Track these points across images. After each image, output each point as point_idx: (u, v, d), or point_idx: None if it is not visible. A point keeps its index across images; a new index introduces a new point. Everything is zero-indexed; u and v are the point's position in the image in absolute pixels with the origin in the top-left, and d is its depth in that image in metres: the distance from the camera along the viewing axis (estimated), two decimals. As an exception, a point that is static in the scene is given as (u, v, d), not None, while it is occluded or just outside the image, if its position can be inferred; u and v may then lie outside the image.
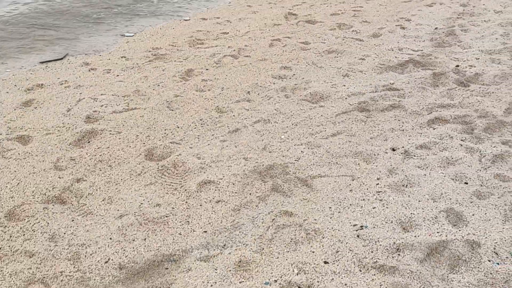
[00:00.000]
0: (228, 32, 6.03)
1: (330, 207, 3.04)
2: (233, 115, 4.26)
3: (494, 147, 3.59)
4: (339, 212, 2.99)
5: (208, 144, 3.82)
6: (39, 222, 2.97)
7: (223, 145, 3.81)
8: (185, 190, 3.25)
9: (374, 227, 2.83)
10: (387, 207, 3.01)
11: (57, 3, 7.78)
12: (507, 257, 2.54)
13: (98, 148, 3.75)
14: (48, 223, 2.96)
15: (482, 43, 5.52)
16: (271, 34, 5.98)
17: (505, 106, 4.16)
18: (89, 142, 3.85)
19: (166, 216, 2.99)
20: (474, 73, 4.82)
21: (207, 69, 5.10)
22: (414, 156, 3.56)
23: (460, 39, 5.69)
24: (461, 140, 3.72)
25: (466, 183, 3.20)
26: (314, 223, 2.88)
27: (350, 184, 3.26)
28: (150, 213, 3.02)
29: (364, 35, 5.94)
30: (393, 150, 3.67)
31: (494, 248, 2.60)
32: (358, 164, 3.50)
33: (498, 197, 3.03)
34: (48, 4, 7.73)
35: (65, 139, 3.88)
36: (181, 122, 4.15)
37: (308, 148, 3.72)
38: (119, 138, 3.90)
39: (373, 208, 3.01)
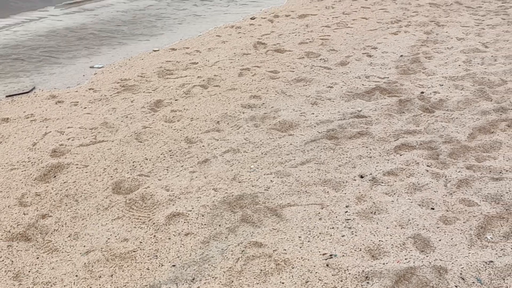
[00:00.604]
0: (197, 62, 6.06)
1: (299, 237, 3.03)
2: (203, 146, 4.25)
3: (459, 172, 3.65)
4: (308, 241, 2.99)
5: (177, 176, 3.80)
6: (3, 260, 2.89)
7: (193, 176, 3.79)
8: (153, 223, 3.22)
9: (343, 255, 2.84)
10: (356, 235, 3.02)
11: (24, 36, 7.72)
12: (473, 282, 2.57)
13: (64, 182, 3.70)
14: (12, 261, 2.89)
15: (446, 69, 5.66)
16: (240, 63, 6.03)
17: (468, 131, 4.25)
18: (55, 176, 3.79)
19: (134, 251, 2.95)
20: (438, 99, 4.92)
21: (176, 100, 5.10)
22: (382, 183, 3.60)
23: (425, 66, 5.83)
24: (427, 165, 3.78)
25: (433, 209, 3.24)
26: (284, 253, 2.87)
27: (319, 213, 3.27)
28: (117, 248, 2.97)
29: (332, 63, 6.04)
30: (361, 177, 3.71)
31: (461, 274, 2.63)
32: (327, 192, 3.52)
33: (463, 222, 3.08)
34: (14, 37, 7.67)
35: (30, 174, 3.81)
36: (149, 154, 4.13)
37: (278, 177, 3.73)
38: (86, 172, 3.85)
39: (342, 236, 3.02)
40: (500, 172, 3.61)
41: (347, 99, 5.06)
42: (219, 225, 3.18)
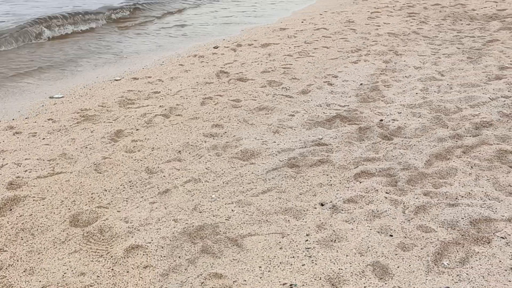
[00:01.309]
0: (159, 92, 6.05)
1: (260, 267, 3.02)
2: (164, 176, 4.22)
3: (416, 198, 3.72)
4: (269, 271, 2.98)
5: (137, 207, 3.75)
6: (-49, 299, 2.79)
7: (153, 207, 3.75)
8: (112, 256, 3.16)
9: (303, 285, 2.84)
10: (316, 264, 3.03)
11: (-17, 65, 7.59)
12: (430, 309, 2.59)
13: (20, 216, 3.60)
14: (-39, 300, 2.79)
15: (404, 97, 5.80)
16: (203, 92, 6.05)
17: (425, 158, 4.35)
18: (11, 210, 3.69)
19: (91, 286, 2.88)
20: (397, 126, 5.03)
21: (137, 130, 5.07)
22: (342, 210, 3.63)
23: (384, 94, 5.96)
24: (386, 192, 3.84)
25: (391, 236, 3.28)
26: (244, 284, 2.85)
27: (280, 242, 3.27)
28: (73, 283, 2.90)
29: (293, 91, 6.12)
30: (322, 205, 3.73)
31: (418, 300, 2.66)
32: (288, 220, 3.53)
33: (421, 249, 3.12)
34: (-27, 66, 7.53)
35: (-15, 207, 3.70)
36: (109, 185, 4.07)
37: (239, 207, 3.72)
38: (43, 205, 3.76)
39: (302, 265, 3.02)
40: (456, 198, 3.69)
41: (308, 127, 5.12)
42: (179, 257, 3.14)
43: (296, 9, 12.08)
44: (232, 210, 3.68)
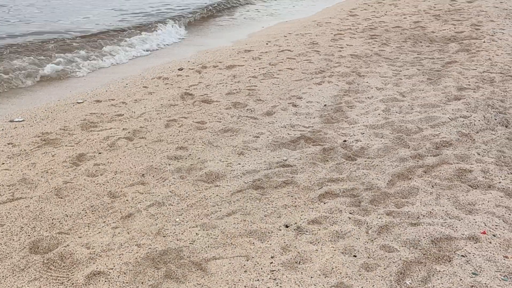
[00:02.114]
0: (123, 114, 5.99)
1: (224, 291, 2.99)
2: (126, 200, 4.16)
3: (379, 218, 3.76)
4: (233, 295, 2.95)
5: (99, 232, 3.68)
6: None
7: (115, 232, 3.69)
8: (72, 283, 3.08)
9: (268, 308, 2.82)
10: (280, 286, 3.02)
11: None
12: (394, 329, 2.61)
13: (-24, 244, 3.49)
14: None
15: (367, 118, 5.90)
16: (167, 114, 6.02)
17: (388, 178, 4.41)
18: (-34, 237, 3.57)
19: (49, 315, 2.79)
20: (360, 147, 5.10)
21: (100, 153, 5.00)
22: (306, 231, 3.64)
23: (347, 115, 6.04)
24: (350, 213, 3.87)
25: (355, 256, 3.30)
26: (208, 309, 2.82)
27: (244, 265, 3.25)
28: (31, 313, 2.81)
29: (258, 113, 6.15)
30: (287, 226, 3.74)
31: (382, 321, 2.67)
32: (253, 243, 3.52)
33: (384, 268, 3.15)
34: None
35: None
36: (70, 210, 3.99)
37: (203, 230, 3.70)
38: (2, 232, 3.66)
39: (267, 288, 3.00)
40: (418, 218, 3.75)
41: (273, 149, 5.14)
42: (142, 283, 3.08)
43: (253, 30, 12.21)
44: (197, 233, 3.65)
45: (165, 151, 5.06)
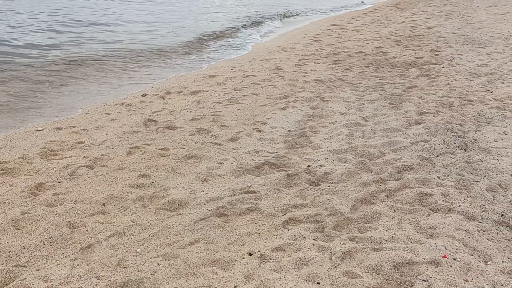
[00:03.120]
0: (84, 142, 5.88)
1: (185, 324, 2.92)
2: (86, 230, 4.06)
3: (343, 244, 3.76)
4: (194, 328, 2.88)
5: (57, 264, 3.57)
6: None
7: (74, 264, 3.58)
8: (26, 320, 2.96)
9: None
10: (243, 317, 2.97)
11: None
12: None
13: None
14: None
15: (330, 143, 5.94)
16: (129, 141, 5.94)
17: (351, 203, 4.43)
18: None
19: None
20: (323, 172, 5.12)
21: (59, 182, 4.88)
22: (270, 259, 3.61)
23: (311, 140, 6.08)
24: (313, 239, 3.86)
25: (318, 283, 3.28)
26: None
27: (207, 296, 3.19)
28: None
29: (222, 139, 6.12)
30: (250, 254, 3.70)
31: None
32: (216, 272, 3.46)
33: (347, 296, 3.13)
34: None
35: None
36: (28, 242, 3.86)
37: (165, 260, 3.62)
38: (-48, 267, 3.50)
39: (229, 319, 2.95)
40: (380, 242, 3.76)
41: (237, 175, 5.11)
42: (100, 318, 2.99)
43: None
44: (158, 264, 3.58)
45: (127, 179, 4.97)
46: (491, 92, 7.90)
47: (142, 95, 7.98)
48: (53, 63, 10.21)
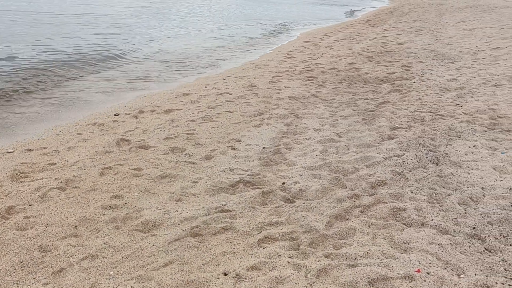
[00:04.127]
0: (55, 163, 5.79)
1: None
2: (58, 254, 3.98)
3: (318, 261, 3.75)
4: None
5: (27, 290, 3.48)
6: None
7: (44, 289, 3.50)
8: None
9: None
10: None
11: None
12: None
13: None
14: None
15: (305, 160, 5.96)
16: (102, 162, 5.86)
17: (326, 220, 4.44)
18: None
19: None
20: (298, 189, 5.13)
21: (30, 205, 4.78)
22: (245, 279, 3.58)
23: (286, 157, 6.09)
24: (289, 257, 3.85)
25: (294, 302, 3.26)
26: None
27: (181, 318, 3.14)
28: None
29: (196, 158, 6.09)
30: (225, 274, 3.67)
31: None
32: (190, 294, 3.42)
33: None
34: None
35: None
36: (-4, 267, 3.76)
37: (139, 282, 3.57)
38: None
39: None
40: (355, 258, 3.77)
41: (212, 194, 5.08)
42: None
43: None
44: (132, 286, 3.52)
45: (99, 200, 4.90)
46: (461, 106, 8.05)
47: (114, 115, 7.91)
48: None
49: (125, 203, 4.85)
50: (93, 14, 21.18)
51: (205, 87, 10.08)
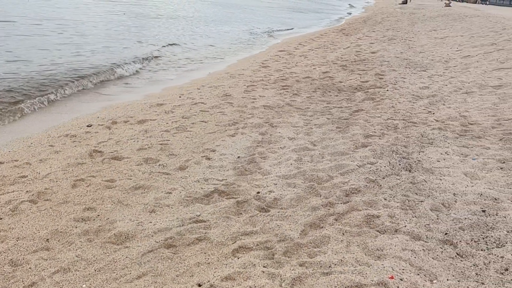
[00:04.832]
0: (27, 176, 5.69)
1: None
2: (30, 268, 3.90)
3: (292, 270, 3.75)
4: None
5: (-4, 307, 3.40)
6: None
7: (14, 305, 3.42)
8: None
9: None
10: None
11: None
12: None
13: None
14: None
15: (279, 168, 5.97)
16: (74, 174, 5.78)
17: (301, 228, 4.44)
18: None
19: None
20: (273, 198, 5.13)
21: (1, 219, 4.68)
22: (220, 289, 3.56)
23: (260, 166, 6.09)
24: (263, 266, 3.84)
25: (269, 312, 3.25)
26: None
27: (155, 331, 3.11)
28: None
29: (170, 168, 6.05)
30: (199, 286, 3.64)
31: None
32: (164, 306, 3.38)
33: (297, 323, 3.11)
34: None
35: None
36: (-37, 284, 3.67)
37: (112, 296, 3.51)
38: None
39: None
40: (330, 266, 3.78)
41: (186, 204, 5.05)
42: None
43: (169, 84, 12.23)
44: (104, 300, 3.46)
45: (71, 213, 4.83)
46: (433, 113, 8.18)
47: (87, 126, 7.82)
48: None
49: (98, 215, 4.79)
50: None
51: (180, 97, 10.05)
